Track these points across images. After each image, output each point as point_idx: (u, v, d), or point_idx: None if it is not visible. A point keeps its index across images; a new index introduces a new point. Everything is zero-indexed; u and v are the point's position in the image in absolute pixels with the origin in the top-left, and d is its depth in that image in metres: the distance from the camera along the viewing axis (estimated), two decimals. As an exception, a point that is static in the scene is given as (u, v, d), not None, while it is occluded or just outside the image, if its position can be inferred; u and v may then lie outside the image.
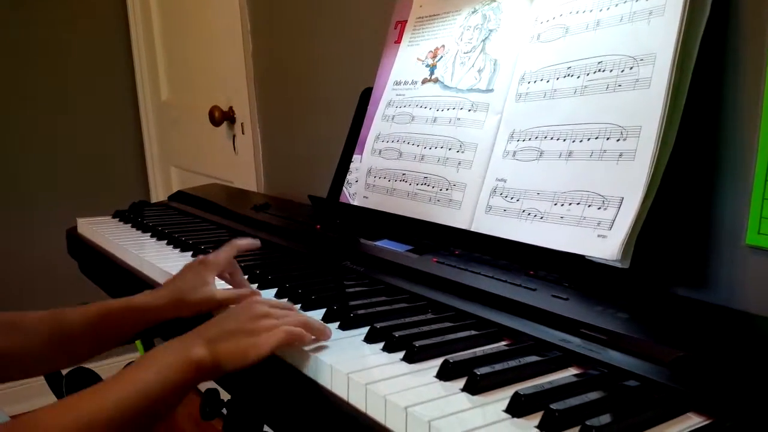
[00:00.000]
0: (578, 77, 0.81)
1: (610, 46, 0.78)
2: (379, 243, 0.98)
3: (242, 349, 0.63)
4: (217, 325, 0.66)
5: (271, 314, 0.67)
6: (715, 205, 0.74)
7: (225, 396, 1.16)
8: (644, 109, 0.72)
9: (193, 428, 2.03)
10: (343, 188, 1.19)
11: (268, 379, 0.70)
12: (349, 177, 1.19)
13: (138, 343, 1.41)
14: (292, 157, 1.73)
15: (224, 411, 1.24)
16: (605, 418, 0.48)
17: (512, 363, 0.58)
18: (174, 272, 0.95)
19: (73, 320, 0.80)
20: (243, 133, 1.87)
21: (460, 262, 0.84)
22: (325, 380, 0.62)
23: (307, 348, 0.65)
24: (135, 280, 1.05)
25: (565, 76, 0.82)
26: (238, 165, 1.92)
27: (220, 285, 0.84)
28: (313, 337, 0.66)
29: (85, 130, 2.40)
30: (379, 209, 1.07)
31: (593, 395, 0.52)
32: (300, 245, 1.05)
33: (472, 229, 0.90)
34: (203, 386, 0.84)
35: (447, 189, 0.96)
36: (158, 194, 2.48)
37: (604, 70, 0.78)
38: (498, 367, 0.57)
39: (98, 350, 0.83)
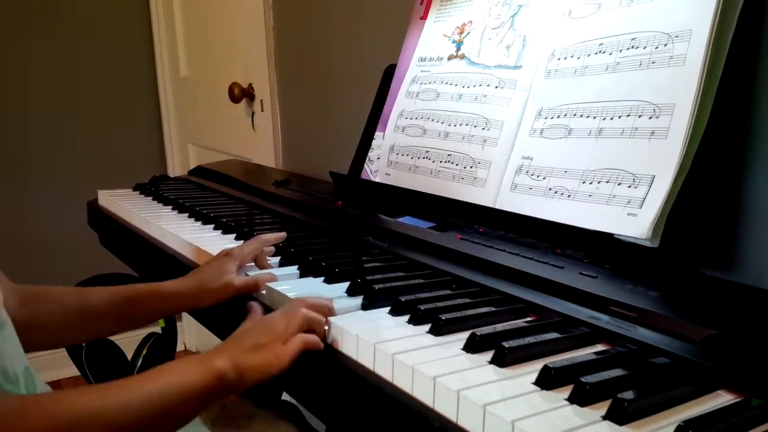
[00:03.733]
0: (610, 54, 0.79)
1: (644, 23, 0.77)
2: (401, 219, 0.97)
3: (264, 363, 0.64)
4: (238, 341, 0.66)
5: (280, 325, 0.66)
6: (745, 184, 0.72)
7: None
8: (678, 86, 0.71)
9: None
10: (365, 165, 1.19)
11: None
12: (371, 154, 1.18)
13: (160, 321, 1.43)
14: (311, 135, 1.72)
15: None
16: (636, 393, 0.48)
17: (540, 338, 0.58)
18: (196, 244, 0.95)
19: (98, 299, 0.82)
20: (262, 111, 1.87)
21: (485, 239, 0.83)
22: (351, 350, 0.62)
23: (332, 318, 0.65)
24: (156, 252, 1.05)
25: (596, 53, 0.81)
26: (257, 142, 1.92)
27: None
28: (326, 327, 0.66)
29: (104, 106, 2.41)
30: (401, 186, 1.06)
31: (623, 370, 0.52)
32: (321, 221, 1.04)
33: (496, 207, 0.89)
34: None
35: (471, 167, 0.95)
36: (175, 171, 2.49)
37: (637, 47, 0.77)
38: (525, 341, 0.57)
39: (120, 330, 0.86)
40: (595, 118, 0.79)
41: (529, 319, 0.65)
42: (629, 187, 0.72)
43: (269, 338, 0.65)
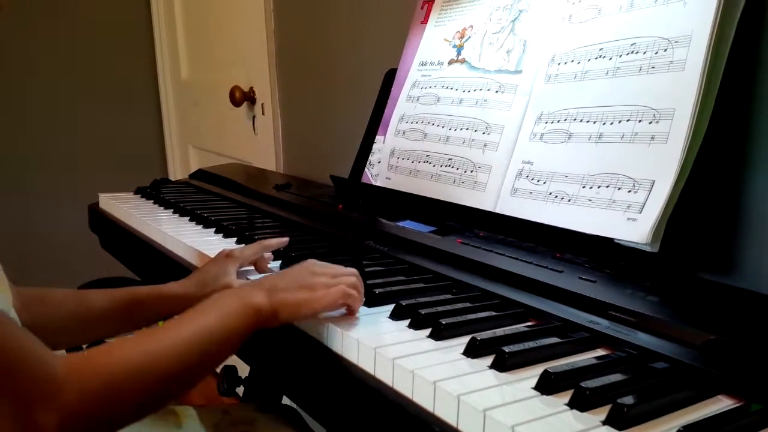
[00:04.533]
0: (610, 59, 0.80)
1: (644, 28, 0.77)
2: (401, 224, 0.97)
3: (300, 301, 0.65)
4: (277, 278, 0.67)
5: (327, 272, 0.68)
6: (745, 189, 0.73)
7: (242, 373, 1.17)
8: (678, 91, 0.71)
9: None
10: (365, 169, 1.19)
11: (291, 351, 0.70)
12: (372, 158, 1.19)
13: (160, 323, 1.43)
14: (312, 139, 1.72)
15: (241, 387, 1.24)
16: (636, 398, 0.48)
17: (540, 342, 0.58)
18: (197, 248, 0.96)
19: (98, 302, 0.83)
20: (263, 114, 1.87)
21: (485, 243, 0.84)
22: (351, 354, 0.62)
23: (332, 323, 0.66)
24: (157, 255, 1.05)
25: (596, 58, 0.81)
26: (258, 145, 1.93)
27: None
28: (360, 303, 0.67)
29: (105, 109, 2.41)
30: (401, 190, 1.07)
31: (623, 375, 0.52)
32: (322, 224, 1.05)
33: (496, 211, 0.89)
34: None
35: (472, 171, 0.95)
36: (176, 174, 2.50)
37: (637, 52, 0.77)
38: (525, 345, 0.57)
39: (120, 332, 0.86)
40: (595, 122, 0.79)
41: (529, 323, 0.65)
42: (629, 191, 0.73)
43: (311, 280, 0.66)
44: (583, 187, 0.78)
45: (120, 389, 0.54)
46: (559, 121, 0.84)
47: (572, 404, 0.49)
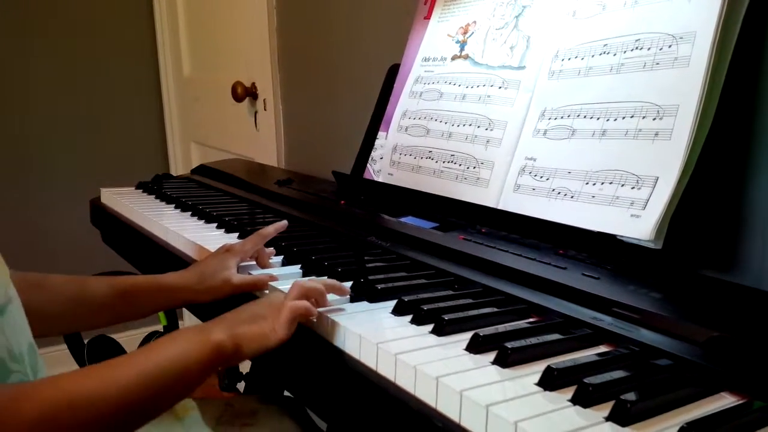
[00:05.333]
0: (614, 55, 0.79)
1: (649, 24, 0.77)
2: (403, 219, 0.97)
3: (260, 334, 0.64)
4: (237, 313, 0.66)
5: (280, 299, 0.67)
6: (749, 186, 0.72)
7: (243, 368, 1.17)
8: (682, 88, 0.71)
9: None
10: (368, 165, 1.19)
11: (293, 347, 0.70)
12: (374, 154, 1.18)
13: (161, 314, 1.43)
14: (314, 134, 1.72)
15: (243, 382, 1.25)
16: (639, 394, 0.48)
17: (542, 338, 0.58)
18: (199, 243, 0.96)
19: (98, 288, 0.82)
20: (265, 110, 1.87)
21: (487, 239, 0.83)
22: (354, 350, 0.62)
23: (334, 318, 0.65)
24: (159, 250, 1.05)
25: (600, 54, 0.81)
26: (259, 141, 1.92)
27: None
28: (315, 310, 0.66)
29: (107, 105, 2.41)
30: (404, 186, 1.06)
31: (626, 372, 0.52)
32: (324, 220, 1.04)
33: (499, 208, 0.89)
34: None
35: (474, 167, 0.95)
36: (178, 170, 2.49)
37: (641, 48, 0.77)
38: (528, 341, 0.57)
39: (118, 321, 0.85)
40: (598, 119, 0.79)
41: (531, 319, 0.65)
42: (633, 188, 0.72)
43: (268, 311, 0.65)
44: (587, 183, 0.78)
45: (64, 421, 0.53)
46: (562, 118, 0.84)
47: (575, 400, 0.49)
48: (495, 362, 0.55)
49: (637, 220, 0.71)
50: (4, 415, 0.50)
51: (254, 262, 0.87)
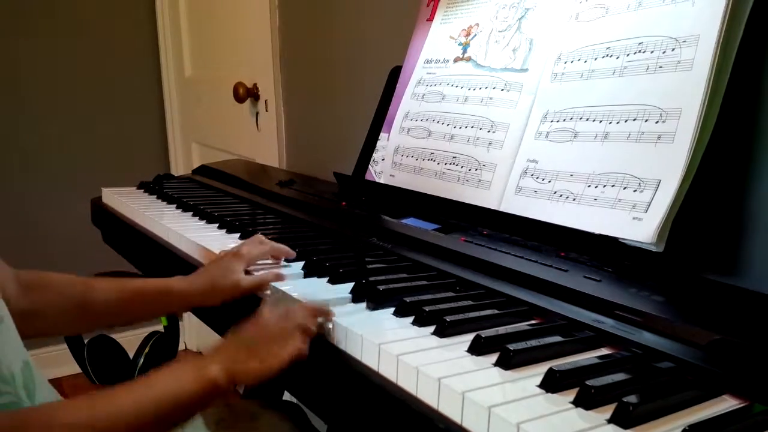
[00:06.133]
0: (617, 58, 0.79)
1: (652, 27, 0.77)
2: (405, 221, 0.97)
3: (255, 368, 0.64)
4: (232, 346, 0.66)
5: (278, 326, 0.66)
6: (751, 189, 0.72)
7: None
8: (685, 91, 0.71)
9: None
10: (369, 166, 1.19)
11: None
12: (375, 155, 1.18)
13: (162, 318, 1.43)
14: (315, 136, 1.72)
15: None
16: (641, 397, 0.48)
17: (544, 340, 0.58)
18: (201, 243, 0.96)
19: (105, 292, 0.82)
20: (267, 111, 1.87)
21: (489, 241, 0.83)
22: (355, 350, 0.62)
23: (336, 319, 0.65)
24: (160, 250, 1.05)
25: (603, 57, 0.81)
26: (261, 142, 1.93)
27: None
28: (330, 326, 0.66)
29: (109, 105, 2.41)
30: (405, 188, 1.07)
31: (628, 374, 0.52)
32: (326, 221, 1.04)
33: (501, 210, 0.89)
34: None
35: (476, 169, 0.95)
36: (179, 170, 2.49)
37: (644, 51, 0.77)
38: (530, 343, 0.57)
39: (123, 324, 0.86)
40: (601, 121, 0.79)
41: (533, 321, 0.65)
42: (635, 191, 0.72)
43: (263, 342, 0.65)
44: (589, 186, 0.78)
45: None
46: (564, 120, 0.84)
47: (577, 402, 0.49)
48: (497, 364, 0.55)
49: (639, 223, 0.71)
50: None
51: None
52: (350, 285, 0.74)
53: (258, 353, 0.65)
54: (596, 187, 0.77)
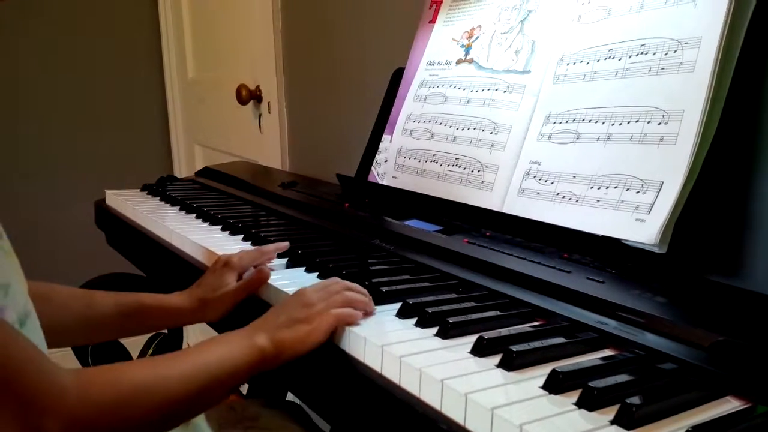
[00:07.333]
0: (620, 60, 0.79)
1: (654, 29, 0.77)
2: (408, 223, 0.97)
3: (300, 337, 0.65)
4: (274, 317, 0.67)
5: (321, 300, 0.67)
6: (754, 190, 0.72)
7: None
8: (688, 92, 0.71)
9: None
10: (372, 168, 1.19)
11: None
12: (378, 157, 1.19)
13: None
14: (318, 138, 1.73)
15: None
16: (644, 398, 0.48)
17: (547, 342, 0.58)
18: (204, 245, 0.96)
19: (104, 306, 0.82)
20: (269, 113, 1.87)
21: (492, 243, 0.84)
22: (358, 352, 0.62)
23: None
24: (163, 252, 1.05)
25: (606, 59, 0.81)
26: (264, 144, 1.93)
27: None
28: (361, 313, 0.66)
29: (112, 107, 2.42)
30: (408, 189, 1.07)
31: (631, 375, 0.52)
32: (328, 223, 1.05)
33: (503, 211, 0.89)
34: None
35: (479, 171, 0.95)
36: (182, 172, 2.50)
37: (647, 53, 0.77)
38: (533, 345, 0.57)
39: (121, 336, 0.87)
40: (603, 123, 0.79)
41: (536, 323, 0.65)
42: (638, 192, 0.73)
43: (306, 313, 0.66)
44: (591, 187, 0.78)
45: (128, 405, 0.55)
46: (567, 122, 0.84)
47: (580, 404, 0.49)
48: (500, 365, 0.55)
49: (642, 225, 0.71)
50: (74, 397, 0.51)
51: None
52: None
53: (300, 323, 0.66)
54: (599, 188, 0.77)
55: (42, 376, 0.50)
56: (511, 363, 0.55)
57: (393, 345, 0.59)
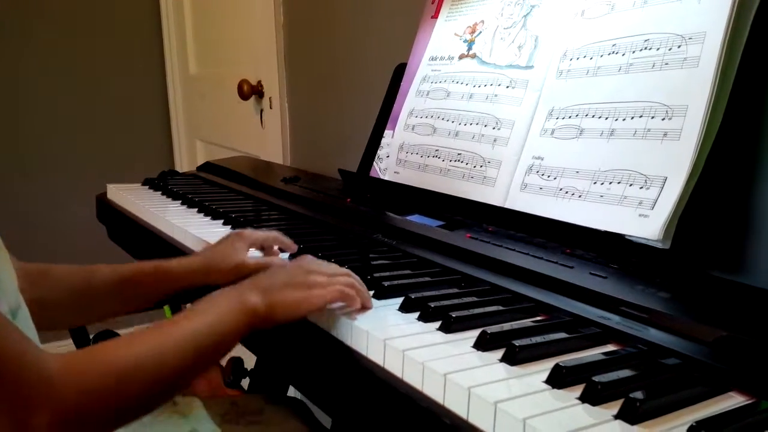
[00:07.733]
0: (623, 55, 0.79)
1: (658, 24, 0.77)
2: (410, 218, 0.97)
3: (296, 300, 0.64)
4: (271, 277, 0.67)
5: (323, 271, 0.67)
6: (757, 186, 0.72)
7: (248, 365, 1.17)
8: (692, 88, 0.71)
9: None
10: (374, 163, 1.19)
11: (299, 342, 0.70)
12: (380, 152, 1.18)
13: (166, 308, 1.43)
14: (320, 132, 1.72)
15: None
16: (648, 393, 0.48)
17: (550, 337, 0.58)
18: (205, 239, 0.96)
19: (103, 276, 0.81)
20: (271, 108, 1.87)
21: (494, 238, 0.83)
22: (361, 346, 0.62)
23: (341, 314, 0.65)
24: (165, 246, 1.05)
25: (609, 54, 0.81)
26: (265, 139, 1.93)
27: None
28: (359, 301, 0.66)
29: (114, 102, 2.42)
30: (410, 184, 1.07)
31: (634, 371, 0.52)
32: (330, 218, 1.05)
33: (506, 206, 0.89)
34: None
35: (481, 166, 0.95)
36: (183, 167, 2.50)
37: (650, 48, 0.76)
38: (536, 339, 0.57)
39: (124, 309, 0.84)
40: (607, 118, 0.79)
41: (538, 318, 0.65)
42: (641, 188, 0.72)
43: (306, 279, 0.65)
44: (594, 183, 0.78)
45: (122, 385, 0.53)
46: (570, 117, 0.84)
47: (584, 398, 0.49)
48: (503, 360, 0.55)
49: (645, 220, 0.71)
50: (64, 385, 0.50)
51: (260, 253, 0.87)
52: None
53: (297, 286, 0.65)
54: (602, 184, 0.77)
55: (28, 371, 0.49)
56: (514, 357, 0.55)
57: (396, 339, 0.59)
